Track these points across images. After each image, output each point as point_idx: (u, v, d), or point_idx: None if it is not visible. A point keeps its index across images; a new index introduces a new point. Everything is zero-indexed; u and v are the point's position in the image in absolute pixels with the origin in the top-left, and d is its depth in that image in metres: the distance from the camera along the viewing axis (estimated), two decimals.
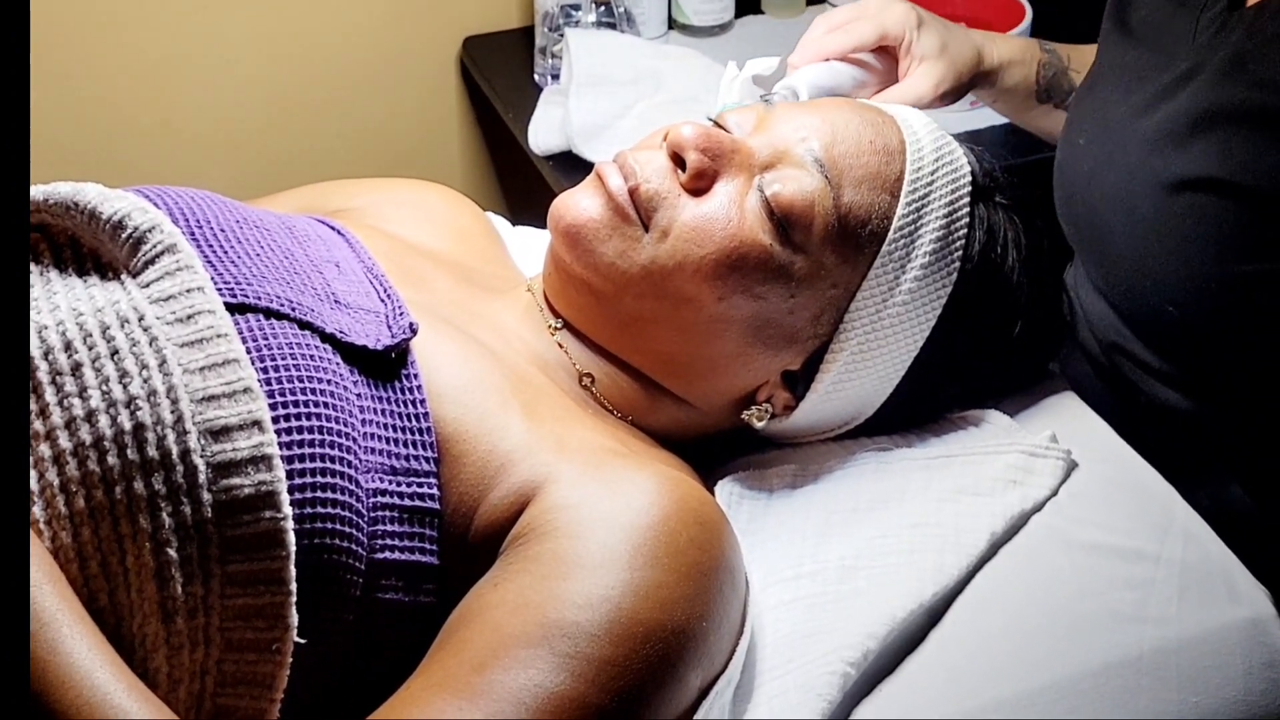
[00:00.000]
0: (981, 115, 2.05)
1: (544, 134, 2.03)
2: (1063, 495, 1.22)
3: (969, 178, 1.24)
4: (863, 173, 1.19)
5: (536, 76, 2.17)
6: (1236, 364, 1.28)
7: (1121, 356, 1.36)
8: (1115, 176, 1.31)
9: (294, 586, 0.94)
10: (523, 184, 2.44)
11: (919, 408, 1.28)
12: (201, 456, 0.93)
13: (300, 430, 0.98)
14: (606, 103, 1.97)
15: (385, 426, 1.03)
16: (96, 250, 1.04)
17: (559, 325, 1.23)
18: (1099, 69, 1.42)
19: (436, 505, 1.03)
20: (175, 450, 0.93)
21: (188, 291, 1.00)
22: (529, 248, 1.53)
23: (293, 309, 1.05)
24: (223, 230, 1.11)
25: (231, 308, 1.02)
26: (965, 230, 1.22)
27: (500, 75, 2.25)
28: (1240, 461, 1.31)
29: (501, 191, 2.54)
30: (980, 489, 1.20)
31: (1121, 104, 1.34)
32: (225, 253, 1.09)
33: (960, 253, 1.22)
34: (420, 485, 1.02)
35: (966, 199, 1.23)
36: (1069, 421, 1.30)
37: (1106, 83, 1.39)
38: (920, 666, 1.10)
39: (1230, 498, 1.26)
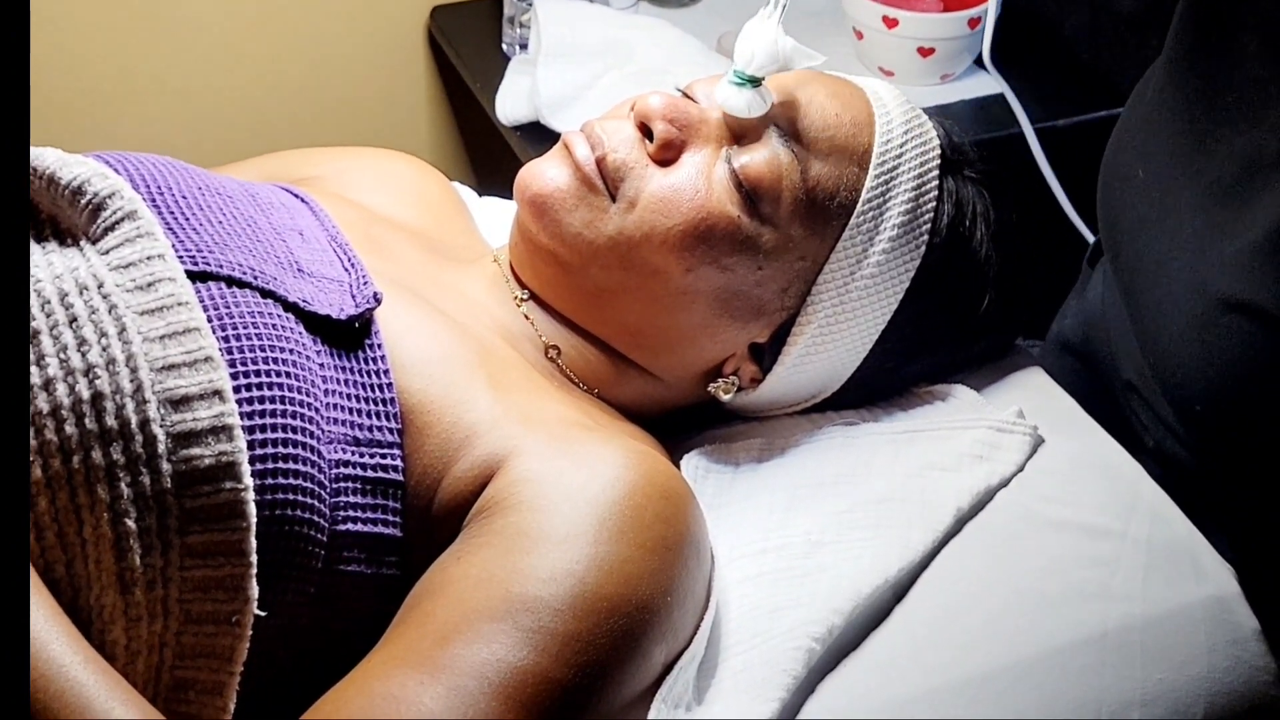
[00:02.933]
0: (952, 89, 2.05)
1: (512, 104, 2.02)
2: (1029, 471, 1.22)
3: (938, 151, 1.24)
4: (830, 145, 1.19)
5: (505, 46, 2.16)
6: (1253, 455, 1.26)
7: (1137, 398, 1.34)
8: (1162, 253, 1.26)
9: (254, 558, 0.92)
10: (490, 154, 2.43)
11: (886, 382, 1.27)
12: (161, 426, 0.92)
13: (262, 400, 0.96)
14: (575, 73, 1.96)
15: (348, 397, 1.02)
16: (55, 216, 1.03)
17: (525, 296, 1.22)
18: (1171, 88, 1.30)
19: (400, 477, 1.02)
20: (134, 419, 0.92)
21: (148, 259, 0.99)
22: (496, 218, 1.52)
23: (255, 277, 1.04)
24: (184, 197, 1.10)
25: (193, 275, 1.01)
26: (934, 203, 1.22)
27: (468, 45, 2.23)
28: (1232, 519, 1.30)
29: (469, 161, 2.53)
30: (947, 464, 1.20)
31: (1190, 163, 1.25)
32: (186, 220, 1.07)
33: (928, 225, 1.21)
34: (384, 456, 1.02)
35: (935, 172, 1.23)
36: (1035, 397, 1.30)
37: (1180, 120, 1.27)
38: (885, 642, 1.10)
39: (1215, 547, 1.25)
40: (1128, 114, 1.39)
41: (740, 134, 1.18)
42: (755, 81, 1.18)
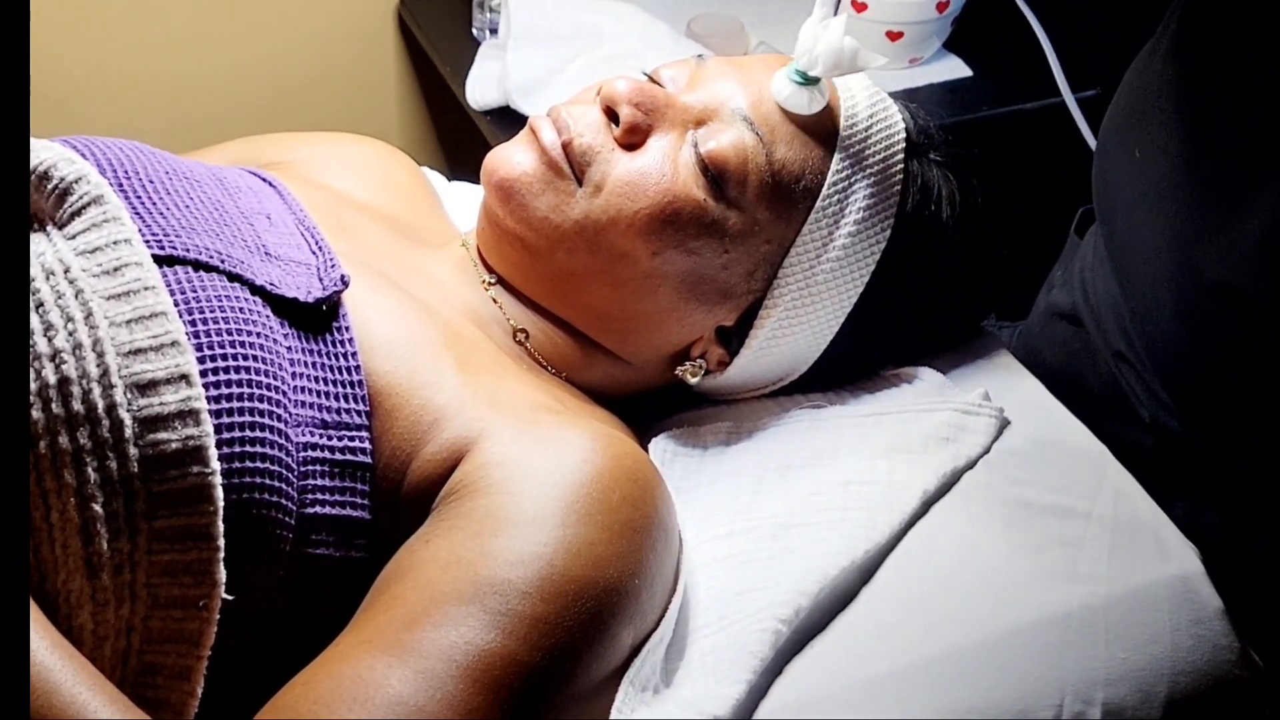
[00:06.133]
0: (921, 73, 2.05)
1: (482, 89, 2.01)
2: (995, 453, 1.22)
3: (903, 134, 1.24)
4: (795, 128, 1.19)
5: (475, 30, 2.15)
6: (1241, 427, 1.26)
7: (1127, 368, 1.35)
8: (1156, 234, 1.26)
9: (222, 542, 0.92)
10: (460, 139, 2.43)
11: (853, 364, 1.28)
12: (128, 411, 0.92)
13: (229, 384, 0.96)
14: (545, 58, 1.96)
15: (316, 380, 1.02)
16: None
17: (493, 281, 1.22)
18: (1172, 72, 1.28)
19: (368, 459, 1.02)
20: (101, 404, 0.92)
21: (115, 243, 0.98)
22: (465, 203, 1.52)
23: (222, 261, 1.03)
24: (151, 181, 1.09)
25: (160, 260, 1.01)
26: (899, 186, 1.22)
27: (438, 29, 2.23)
28: (1221, 491, 1.30)
29: (439, 146, 2.52)
30: (913, 447, 1.21)
31: (1187, 149, 1.23)
32: (154, 204, 1.07)
33: (894, 209, 1.22)
34: (352, 439, 1.02)
35: (901, 155, 1.23)
36: (1001, 379, 1.31)
37: (1179, 106, 1.25)
38: (852, 624, 1.10)
39: (1203, 520, 1.26)
40: (1125, 89, 1.38)
41: (705, 118, 1.18)
42: (815, 80, 1.19)
